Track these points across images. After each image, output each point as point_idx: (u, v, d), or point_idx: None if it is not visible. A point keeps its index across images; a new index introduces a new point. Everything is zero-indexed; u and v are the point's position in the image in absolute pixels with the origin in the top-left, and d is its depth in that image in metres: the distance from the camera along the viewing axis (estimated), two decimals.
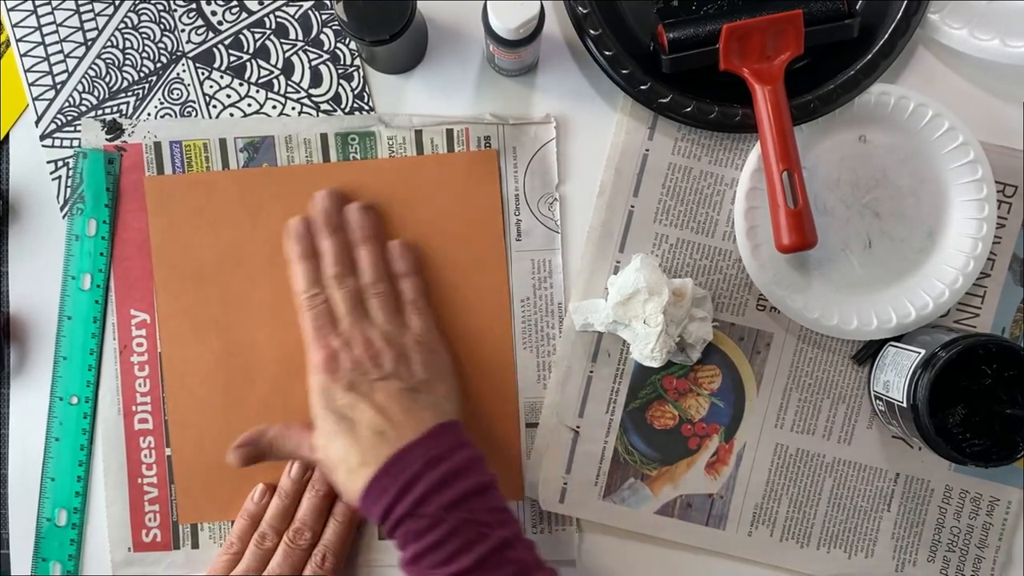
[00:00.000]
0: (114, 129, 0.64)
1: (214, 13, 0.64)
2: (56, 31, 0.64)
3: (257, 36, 0.64)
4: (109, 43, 0.64)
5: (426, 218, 0.63)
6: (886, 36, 0.61)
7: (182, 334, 0.63)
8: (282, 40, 0.64)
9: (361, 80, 0.64)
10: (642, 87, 0.61)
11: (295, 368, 0.62)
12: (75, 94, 0.64)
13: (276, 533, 0.60)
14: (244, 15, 0.64)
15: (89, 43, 0.64)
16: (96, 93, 0.64)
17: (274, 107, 0.64)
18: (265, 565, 0.60)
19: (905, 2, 0.61)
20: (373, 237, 0.62)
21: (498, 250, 0.64)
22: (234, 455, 0.58)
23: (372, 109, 0.64)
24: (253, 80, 0.64)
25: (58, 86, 0.64)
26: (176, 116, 0.64)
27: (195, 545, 0.64)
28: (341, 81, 0.64)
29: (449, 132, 0.64)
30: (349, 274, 0.60)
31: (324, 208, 0.61)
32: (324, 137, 0.64)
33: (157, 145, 0.64)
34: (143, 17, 0.64)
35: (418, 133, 0.64)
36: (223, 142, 0.64)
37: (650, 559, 0.64)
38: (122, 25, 0.64)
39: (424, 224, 0.63)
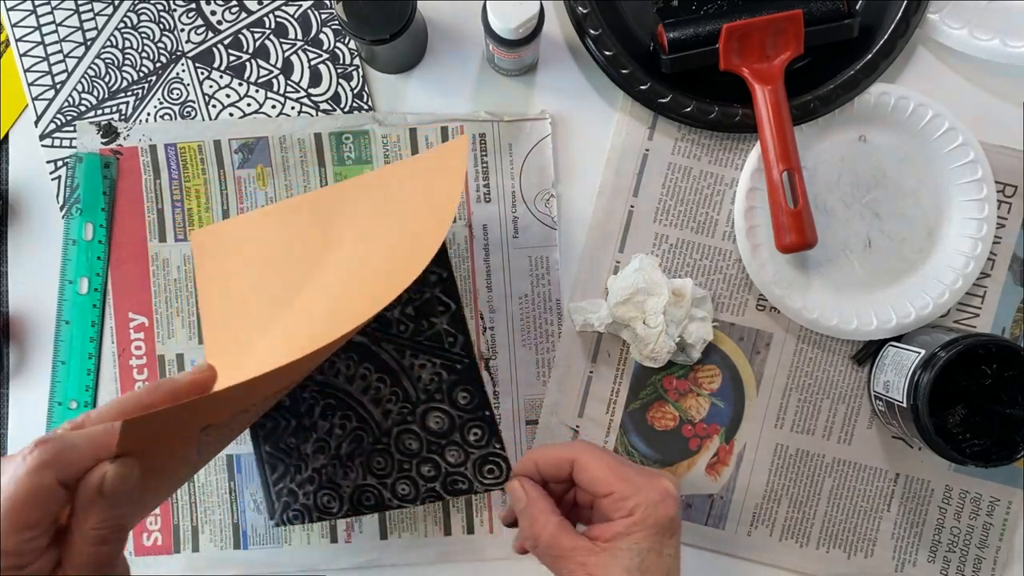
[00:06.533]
0: (109, 133, 0.64)
1: (214, 13, 0.64)
2: (56, 31, 0.64)
3: (256, 36, 0.64)
4: (109, 43, 0.64)
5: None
6: (886, 36, 0.61)
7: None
8: (281, 40, 0.64)
9: (360, 80, 0.64)
10: (642, 87, 0.61)
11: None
12: (75, 94, 0.64)
13: None
14: (244, 15, 0.64)
15: (89, 43, 0.64)
16: (95, 93, 0.64)
17: (273, 107, 0.64)
18: None
19: (905, 2, 0.61)
20: None
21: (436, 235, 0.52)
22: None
23: (372, 108, 0.64)
24: (253, 80, 0.64)
25: (58, 86, 0.64)
26: (175, 116, 0.64)
27: (195, 548, 0.63)
28: (340, 81, 0.64)
29: (444, 130, 0.63)
30: None
31: None
32: (318, 137, 0.63)
33: (152, 148, 0.64)
34: (143, 17, 0.64)
35: (412, 131, 0.63)
36: (217, 144, 0.63)
37: None
38: (121, 25, 0.64)
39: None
